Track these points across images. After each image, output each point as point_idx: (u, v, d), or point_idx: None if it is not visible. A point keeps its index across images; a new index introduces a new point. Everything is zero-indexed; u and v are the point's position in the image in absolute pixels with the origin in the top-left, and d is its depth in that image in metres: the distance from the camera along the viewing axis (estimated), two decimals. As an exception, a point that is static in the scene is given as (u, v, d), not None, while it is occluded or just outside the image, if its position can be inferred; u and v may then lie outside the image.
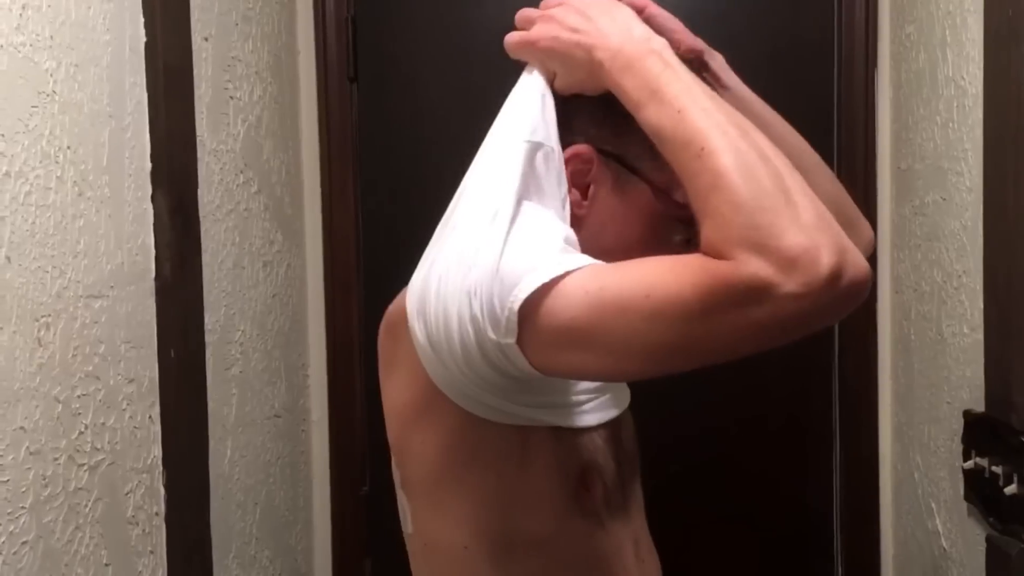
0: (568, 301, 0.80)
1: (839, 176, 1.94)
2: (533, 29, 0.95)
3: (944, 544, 1.63)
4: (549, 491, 0.99)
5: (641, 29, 0.90)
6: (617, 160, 0.95)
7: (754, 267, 0.74)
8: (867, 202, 1.94)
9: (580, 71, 0.92)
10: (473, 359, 0.84)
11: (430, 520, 1.02)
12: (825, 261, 0.74)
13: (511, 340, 0.81)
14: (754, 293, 0.75)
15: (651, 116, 0.85)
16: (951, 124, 1.56)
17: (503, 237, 0.85)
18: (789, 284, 0.74)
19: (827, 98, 1.97)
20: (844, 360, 2.00)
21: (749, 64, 1.97)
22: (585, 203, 0.97)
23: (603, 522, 1.03)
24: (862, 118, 1.94)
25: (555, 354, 0.83)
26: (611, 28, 0.90)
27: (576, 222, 0.96)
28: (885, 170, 1.94)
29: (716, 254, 0.77)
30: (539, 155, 0.91)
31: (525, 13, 0.97)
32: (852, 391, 2.00)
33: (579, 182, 0.97)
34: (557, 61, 0.93)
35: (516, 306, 0.80)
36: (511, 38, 0.97)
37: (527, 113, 0.92)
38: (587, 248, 0.92)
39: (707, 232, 0.79)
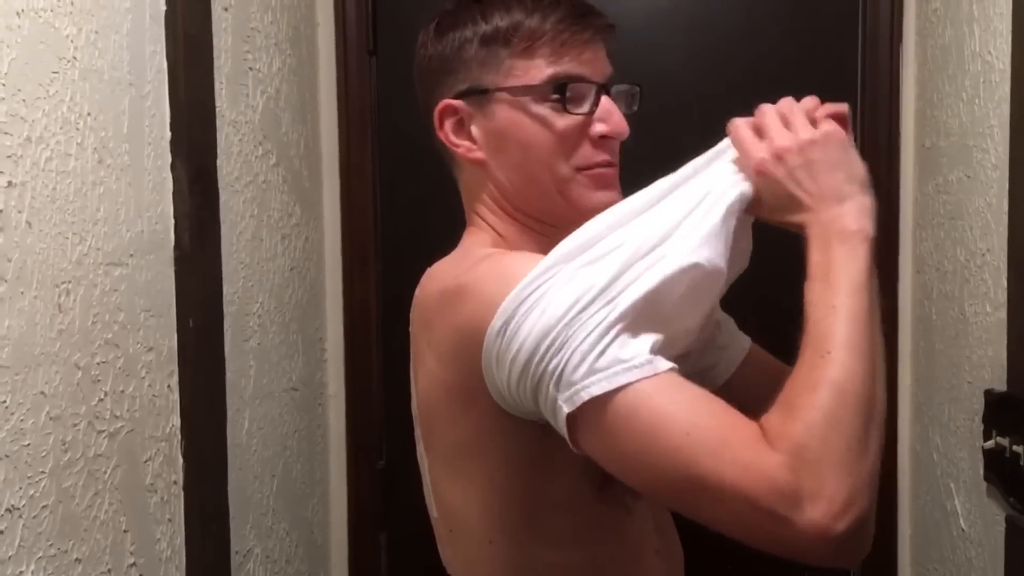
0: (615, 391, 0.81)
1: (863, 154, 1.93)
2: (760, 150, 0.91)
3: (963, 524, 1.62)
4: (573, 483, 0.98)
5: (856, 211, 0.89)
6: (470, 93, 1.00)
7: (791, 479, 0.75)
8: (890, 180, 1.92)
9: (780, 214, 0.93)
10: (525, 385, 0.85)
11: (456, 506, 1.02)
12: (845, 523, 0.74)
13: (567, 410, 0.82)
14: (774, 505, 0.75)
15: (811, 293, 0.86)
16: (977, 100, 1.54)
17: (619, 314, 0.83)
18: (805, 517, 0.75)
19: (851, 74, 1.95)
20: (863, 340, 1.98)
21: (773, 39, 1.97)
22: (476, 146, 1.02)
23: (629, 507, 1.03)
24: (886, 95, 1.92)
25: (581, 432, 0.84)
26: (830, 198, 0.90)
27: (481, 165, 1.02)
28: (909, 148, 1.92)
29: (767, 432, 0.78)
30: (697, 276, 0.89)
31: (765, 120, 0.93)
32: (871, 371, 1.98)
33: (462, 132, 1.02)
34: (768, 192, 0.92)
35: (593, 392, 0.81)
36: (740, 137, 0.94)
37: (716, 238, 0.89)
38: (511, 179, 1.00)
39: (777, 416, 0.79)
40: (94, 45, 1.16)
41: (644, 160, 1.06)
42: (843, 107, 0.95)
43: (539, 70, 0.98)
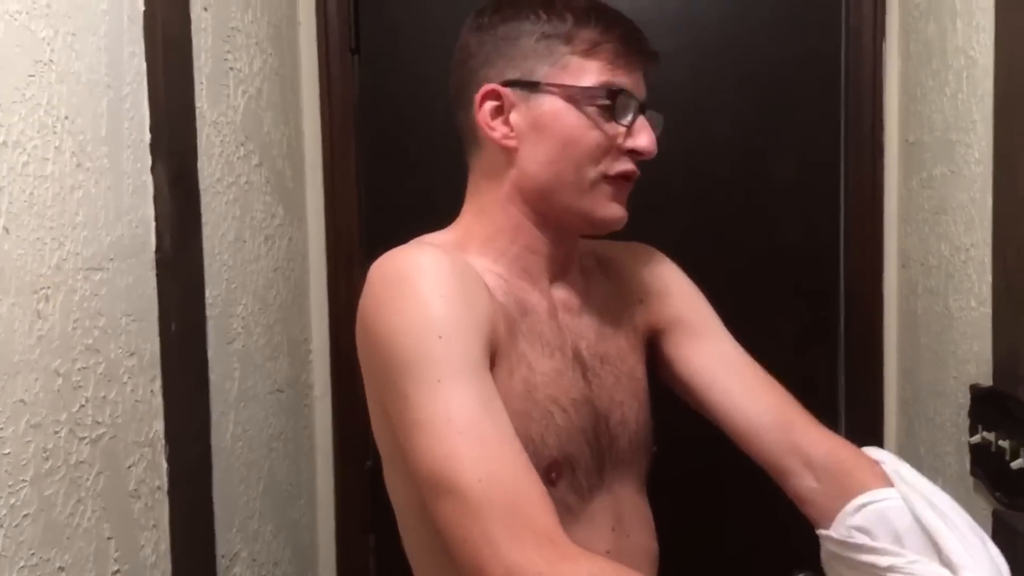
0: None
1: (847, 150, 1.93)
2: None
3: (949, 519, 1.62)
4: None
5: None
6: (518, 84, 1.03)
7: None
8: (874, 176, 1.93)
9: None
10: None
11: (392, 492, 1.11)
12: None
13: None
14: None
15: None
16: (960, 95, 1.54)
17: None
18: None
19: (835, 70, 1.95)
20: (850, 335, 1.99)
21: (755, 35, 1.96)
22: (512, 133, 1.04)
23: (570, 507, 1.04)
24: (870, 90, 1.92)
25: None
26: None
27: (513, 153, 1.04)
28: (893, 143, 1.92)
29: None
30: None
31: None
32: (858, 366, 1.99)
33: (499, 118, 1.04)
34: None
35: None
36: None
37: None
38: (539, 171, 1.03)
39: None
40: (71, 47, 1.14)
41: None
42: None
43: (594, 75, 1.02)
